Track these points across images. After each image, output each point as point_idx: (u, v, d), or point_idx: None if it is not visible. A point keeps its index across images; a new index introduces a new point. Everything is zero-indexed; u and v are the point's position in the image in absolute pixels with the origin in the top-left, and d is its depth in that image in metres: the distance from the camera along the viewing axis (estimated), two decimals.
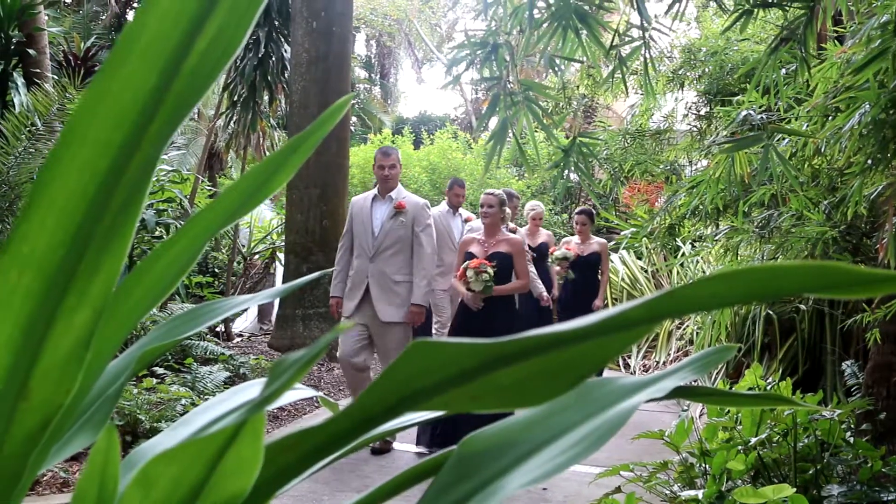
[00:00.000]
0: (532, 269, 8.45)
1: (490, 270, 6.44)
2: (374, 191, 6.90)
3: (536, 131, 5.38)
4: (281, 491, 0.96)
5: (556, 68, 4.76)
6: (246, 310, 12.18)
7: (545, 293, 8.90)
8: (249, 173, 1.07)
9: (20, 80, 9.33)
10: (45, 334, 0.86)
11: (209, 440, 0.85)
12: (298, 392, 1.42)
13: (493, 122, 4.56)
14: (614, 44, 4.54)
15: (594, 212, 9.77)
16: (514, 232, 8.17)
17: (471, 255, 6.64)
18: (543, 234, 9.99)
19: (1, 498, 0.91)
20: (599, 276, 9.40)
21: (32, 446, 0.90)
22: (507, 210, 6.88)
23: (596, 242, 9.42)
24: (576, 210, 9.91)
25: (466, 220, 8.93)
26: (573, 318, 0.80)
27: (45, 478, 5.12)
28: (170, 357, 7.74)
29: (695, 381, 6.88)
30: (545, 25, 4.34)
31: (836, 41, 5.54)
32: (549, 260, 9.39)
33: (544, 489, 5.62)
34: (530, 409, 1.00)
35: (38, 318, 0.86)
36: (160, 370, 7.27)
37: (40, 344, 0.86)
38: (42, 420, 0.89)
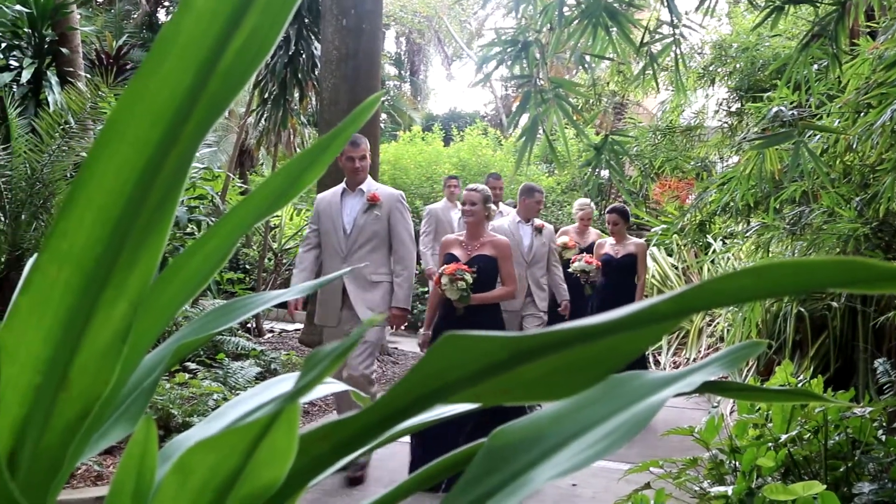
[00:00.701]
0: (559, 272, 8.13)
1: (468, 277, 5.75)
2: (343, 185, 6.34)
3: (567, 128, 5.38)
4: (313, 482, 0.98)
5: (587, 66, 4.75)
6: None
7: (566, 300, 8.05)
8: (281, 171, 1.09)
9: (54, 79, 9.43)
10: (85, 327, 0.88)
11: (246, 430, 0.86)
12: (330, 386, 1.44)
13: (524, 120, 4.56)
14: (644, 41, 4.53)
15: (627, 209, 8.93)
16: (540, 229, 7.90)
17: (452, 258, 6.01)
18: (593, 234, 9.69)
19: (41, 487, 0.93)
20: (636, 281, 8.51)
21: (72, 436, 0.92)
22: (493, 207, 6.19)
23: (633, 243, 8.53)
24: (607, 209, 9.09)
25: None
26: None
27: (79, 471, 5.18)
28: (202, 352, 7.79)
29: (724, 378, 6.84)
30: (575, 23, 4.34)
31: (868, 37, 5.49)
32: (569, 269, 8.68)
33: (574, 485, 5.62)
34: (559, 403, 1.01)
35: (77, 312, 0.88)
36: (192, 365, 7.32)
37: (80, 336, 0.88)
38: (81, 410, 0.91)
